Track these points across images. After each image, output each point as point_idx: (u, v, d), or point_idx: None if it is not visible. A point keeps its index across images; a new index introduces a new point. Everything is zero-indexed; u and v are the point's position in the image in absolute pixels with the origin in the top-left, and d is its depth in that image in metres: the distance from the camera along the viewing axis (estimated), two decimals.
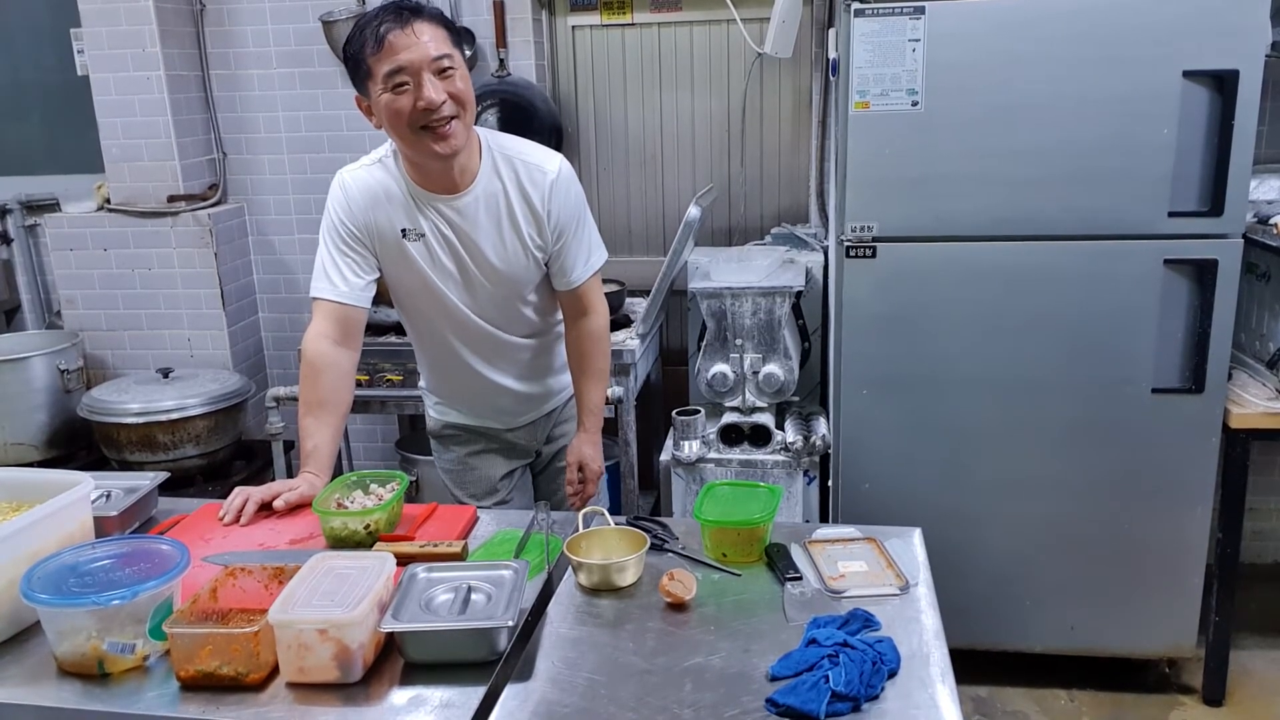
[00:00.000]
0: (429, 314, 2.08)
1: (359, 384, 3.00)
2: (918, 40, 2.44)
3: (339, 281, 1.97)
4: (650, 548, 1.67)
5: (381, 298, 2.12)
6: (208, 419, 3.12)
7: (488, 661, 1.38)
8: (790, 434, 2.85)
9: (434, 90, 1.80)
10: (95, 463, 3.20)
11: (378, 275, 2.02)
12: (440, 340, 2.11)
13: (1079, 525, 2.69)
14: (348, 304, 1.98)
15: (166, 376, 3.21)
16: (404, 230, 1.97)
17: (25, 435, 3.21)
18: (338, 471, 3.08)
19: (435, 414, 2.27)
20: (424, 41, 1.79)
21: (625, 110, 3.54)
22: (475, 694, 1.33)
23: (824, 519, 2.89)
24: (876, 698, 1.31)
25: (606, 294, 3.09)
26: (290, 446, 3.39)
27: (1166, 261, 2.50)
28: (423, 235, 1.97)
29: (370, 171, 1.97)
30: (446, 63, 1.82)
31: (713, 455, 2.86)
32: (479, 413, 2.23)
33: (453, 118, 1.83)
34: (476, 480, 2.27)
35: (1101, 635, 2.77)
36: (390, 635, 1.41)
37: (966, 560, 2.70)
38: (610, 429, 3.07)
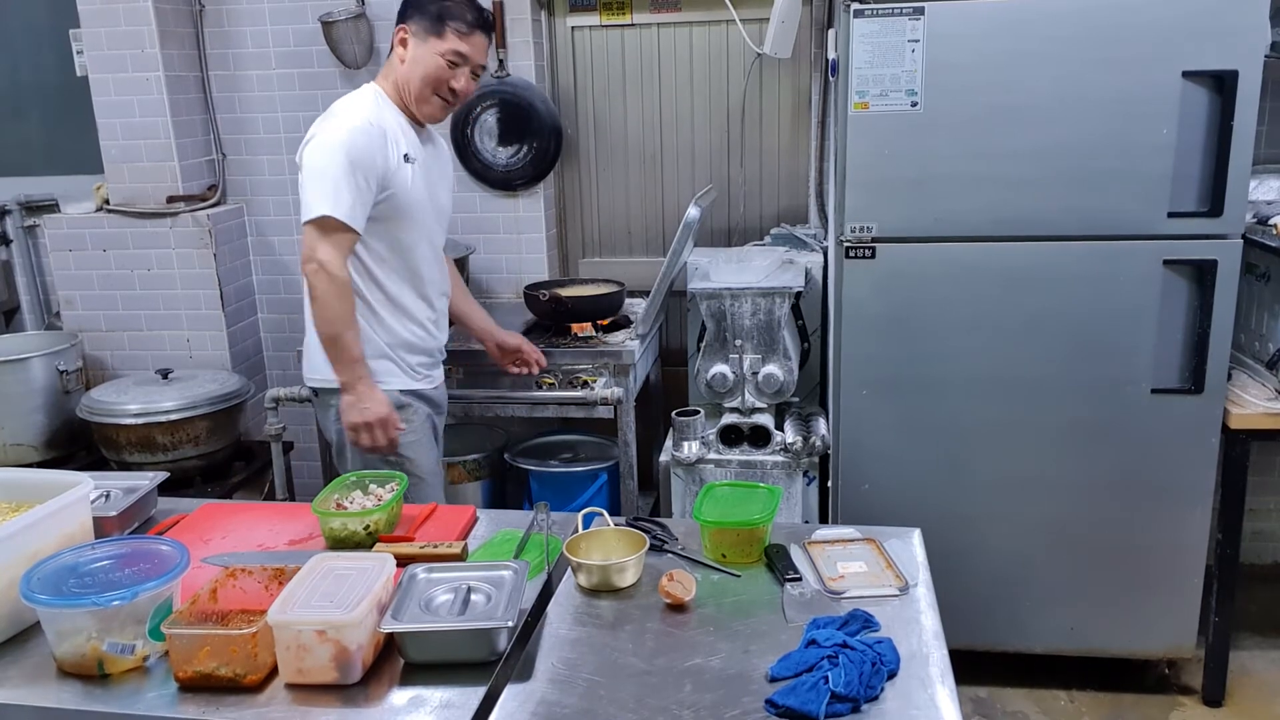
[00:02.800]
0: (416, 241, 2.36)
1: None
2: (917, 41, 2.44)
3: (362, 216, 2.21)
4: (650, 548, 1.67)
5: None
6: (207, 420, 3.11)
7: (487, 662, 1.38)
8: (790, 435, 2.85)
9: (465, 84, 2.33)
10: (94, 463, 3.20)
11: None
12: (416, 274, 2.38)
13: (1079, 526, 2.69)
14: (359, 234, 2.24)
15: (166, 377, 3.20)
16: (405, 155, 2.29)
17: (24, 436, 3.20)
18: (337, 472, 3.09)
19: (397, 383, 2.39)
20: (482, 48, 2.33)
21: (625, 111, 3.54)
22: (475, 694, 1.33)
23: (823, 520, 2.88)
24: (876, 698, 1.31)
25: (607, 294, 3.13)
26: (290, 448, 3.39)
27: (1166, 262, 2.50)
28: (414, 160, 2.32)
29: (379, 113, 2.28)
30: (479, 70, 2.36)
31: (712, 456, 2.86)
32: (426, 366, 2.47)
33: (453, 104, 2.36)
34: (432, 446, 2.50)
35: (1101, 636, 2.77)
36: (390, 636, 1.41)
37: (966, 561, 2.70)
38: (610, 429, 3.07)
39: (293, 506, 2.07)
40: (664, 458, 2.92)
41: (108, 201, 3.47)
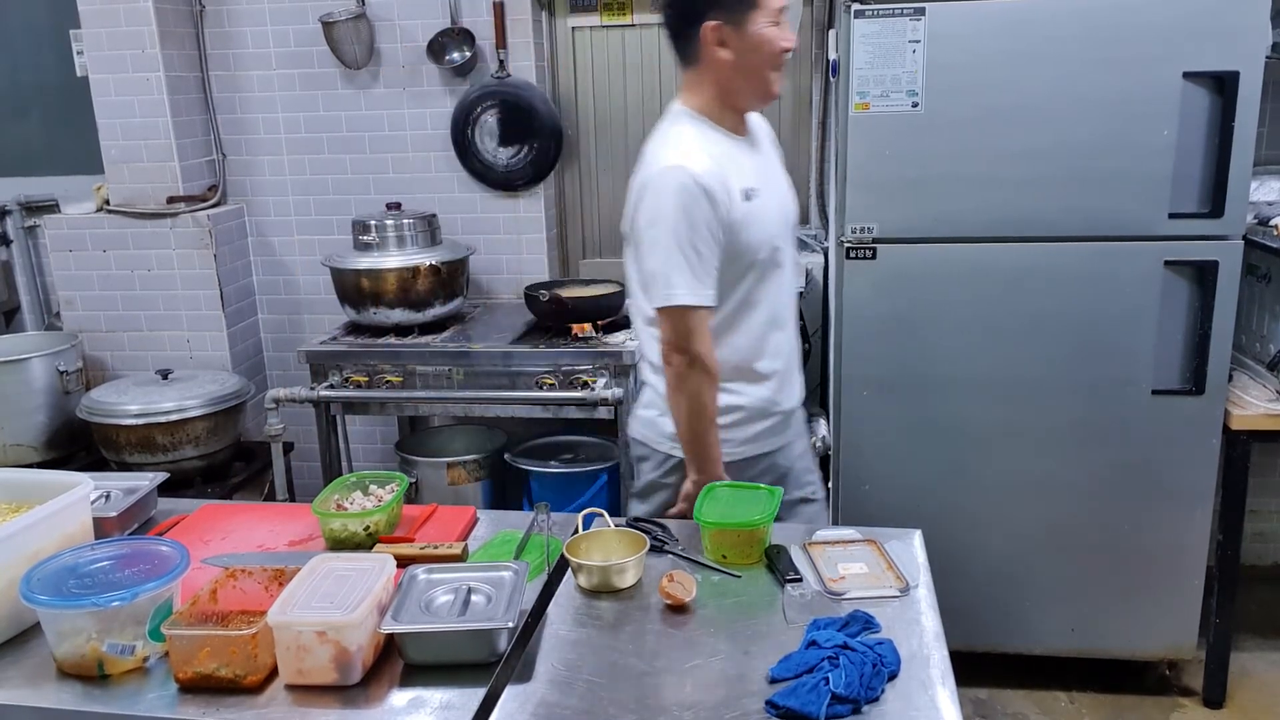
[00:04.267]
0: (768, 288, 1.97)
1: (358, 385, 3.00)
2: (918, 41, 2.44)
3: (715, 287, 1.87)
4: (650, 549, 1.67)
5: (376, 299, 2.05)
6: (207, 420, 3.11)
7: (487, 663, 1.38)
8: None
9: (791, 35, 1.90)
10: (94, 464, 3.20)
11: None
12: (763, 325, 1.99)
13: (1079, 527, 2.69)
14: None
15: (166, 378, 3.20)
16: (745, 191, 1.89)
17: (24, 436, 3.20)
18: (337, 473, 3.09)
19: (749, 445, 2.04)
20: None
21: (625, 111, 3.54)
22: (475, 695, 1.33)
23: None
24: (876, 700, 1.30)
25: (607, 295, 3.12)
26: (290, 448, 3.39)
27: (1167, 263, 2.49)
28: (756, 189, 1.92)
29: (702, 151, 1.87)
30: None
31: None
32: (778, 422, 2.09)
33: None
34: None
35: (1102, 637, 2.77)
36: (390, 637, 1.41)
37: (967, 561, 2.70)
38: (610, 430, 3.07)
39: (293, 507, 2.07)
40: None
41: (108, 202, 3.47)
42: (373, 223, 3.11)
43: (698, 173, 1.83)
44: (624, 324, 3.11)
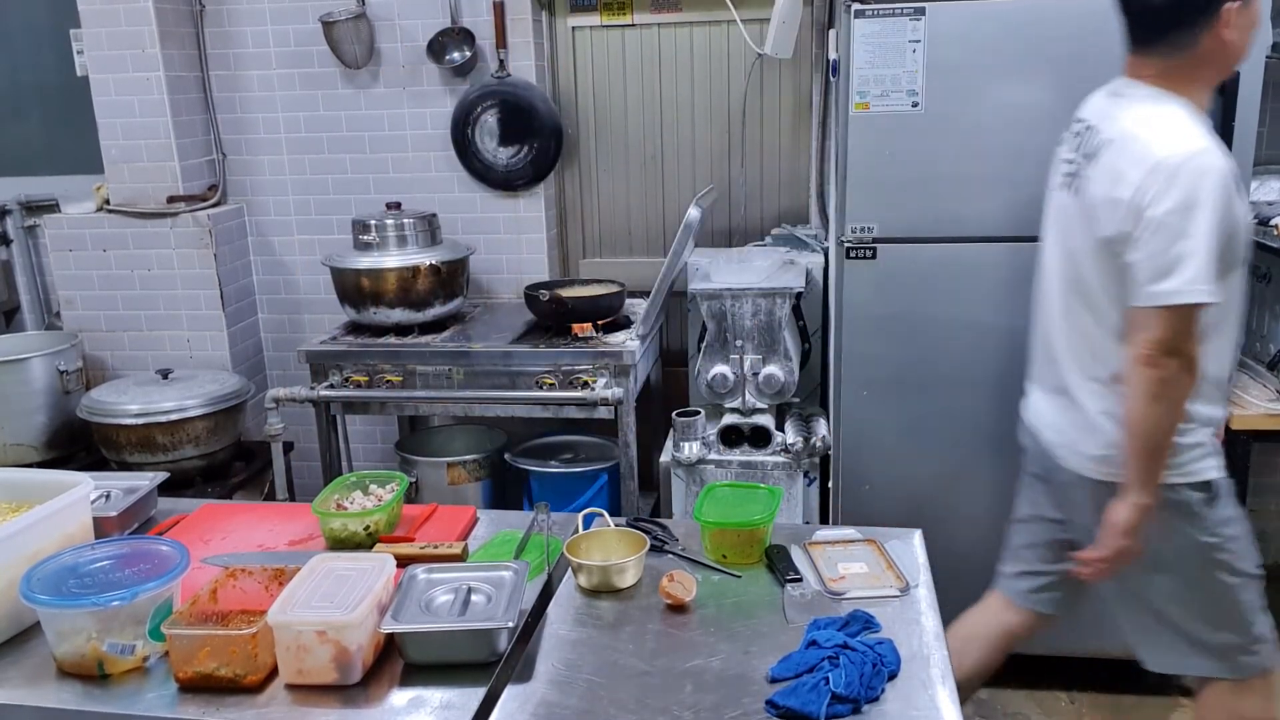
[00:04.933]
0: (1238, 296, 1.86)
1: (358, 385, 3.00)
2: (918, 41, 2.44)
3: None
4: (650, 549, 1.67)
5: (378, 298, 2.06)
6: (207, 420, 3.11)
7: (488, 663, 1.38)
8: (790, 435, 2.84)
9: None
10: (94, 464, 3.20)
11: None
12: (1236, 334, 1.91)
13: None
14: None
15: (166, 377, 3.20)
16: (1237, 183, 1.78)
17: (24, 436, 3.20)
18: (337, 473, 3.09)
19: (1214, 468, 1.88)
20: None
21: (625, 111, 3.54)
22: (475, 695, 1.33)
23: (824, 520, 2.88)
24: (876, 699, 1.31)
25: (607, 295, 3.12)
26: (290, 448, 3.39)
27: None
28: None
29: (1210, 138, 1.72)
30: None
31: (713, 456, 2.85)
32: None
33: None
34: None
35: (1102, 637, 2.76)
36: (390, 636, 1.41)
37: (967, 561, 2.69)
38: (610, 430, 3.07)
39: (293, 507, 2.07)
40: (664, 458, 2.91)
41: (108, 201, 3.47)
42: (373, 222, 3.11)
43: (1224, 160, 1.70)
44: (624, 324, 3.11)
